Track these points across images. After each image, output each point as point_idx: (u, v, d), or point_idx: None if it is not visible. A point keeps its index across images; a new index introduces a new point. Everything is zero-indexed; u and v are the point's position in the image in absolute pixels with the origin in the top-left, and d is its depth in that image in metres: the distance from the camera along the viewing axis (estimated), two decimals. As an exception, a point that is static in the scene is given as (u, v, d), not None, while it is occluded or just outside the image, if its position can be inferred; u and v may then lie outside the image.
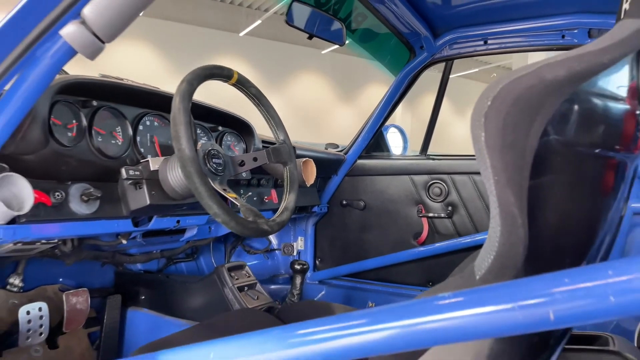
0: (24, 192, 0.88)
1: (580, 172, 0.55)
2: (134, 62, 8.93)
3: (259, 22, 9.87)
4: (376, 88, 11.65)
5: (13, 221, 0.90)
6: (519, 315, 0.40)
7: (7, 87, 0.78)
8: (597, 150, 0.54)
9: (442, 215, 1.87)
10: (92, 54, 0.76)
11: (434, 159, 1.93)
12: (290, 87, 11.08)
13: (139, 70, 8.46)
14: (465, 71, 12.29)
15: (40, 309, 1.29)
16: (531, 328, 0.40)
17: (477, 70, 12.59)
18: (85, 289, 1.40)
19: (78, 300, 1.37)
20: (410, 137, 2.71)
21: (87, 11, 0.73)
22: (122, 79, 1.19)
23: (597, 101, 0.54)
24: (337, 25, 1.46)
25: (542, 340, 0.60)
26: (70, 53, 0.76)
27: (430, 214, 1.89)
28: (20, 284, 1.38)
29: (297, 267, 1.55)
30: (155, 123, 1.21)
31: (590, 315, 0.38)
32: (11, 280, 1.36)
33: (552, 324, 0.39)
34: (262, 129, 1.54)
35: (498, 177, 0.48)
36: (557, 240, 0.55)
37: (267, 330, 0.51)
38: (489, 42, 1.66)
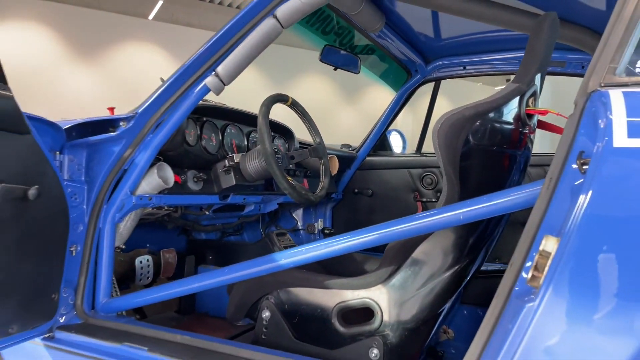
0: (167, 174, 1.43)
1: (488, 160, 1.09)
2: (148, 64, 9.31)
3: (266, 28, 10.32)
4: (377, 91, 12.12)
5: (159, 193, 1.44)
6: (448, 217, 0.96)
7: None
8: (495, 148, 1.08)
9: (433, 200, 2.40)
10: (218, 92, 1.32)
11: (426, 156, 2.47)
12: (296, 89, 11.49)
13: (157, 73, 8.82)
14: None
15: (148, 260, 1.84)
16: (455, 223, 0.96)
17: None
18: (173, 248, 1.95)
19: (170, 256, 1.92)
20: (412, 136, 3.23)
21: (219, 69, 1.29)
22: (208, 101, 1.74)
23: (497, 123, 1.08)
24: (353, 58, 2.01)
25: (475, 244, 1.14)
26: (206, 92, 1.32)
27: (424, 199, 2.42)
28: (123, 247, 1.92)
29: (327, 231, 2.10)
30: (233, 131, 1.76)
31: (476, 216, 0.94)
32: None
33: (462, 221, 0.96)
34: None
35: (444, 161, 1.03)
36: (477, 194, 1.09)
37: (328, 238, 1.08)
38: (467, 68, 2.20)
